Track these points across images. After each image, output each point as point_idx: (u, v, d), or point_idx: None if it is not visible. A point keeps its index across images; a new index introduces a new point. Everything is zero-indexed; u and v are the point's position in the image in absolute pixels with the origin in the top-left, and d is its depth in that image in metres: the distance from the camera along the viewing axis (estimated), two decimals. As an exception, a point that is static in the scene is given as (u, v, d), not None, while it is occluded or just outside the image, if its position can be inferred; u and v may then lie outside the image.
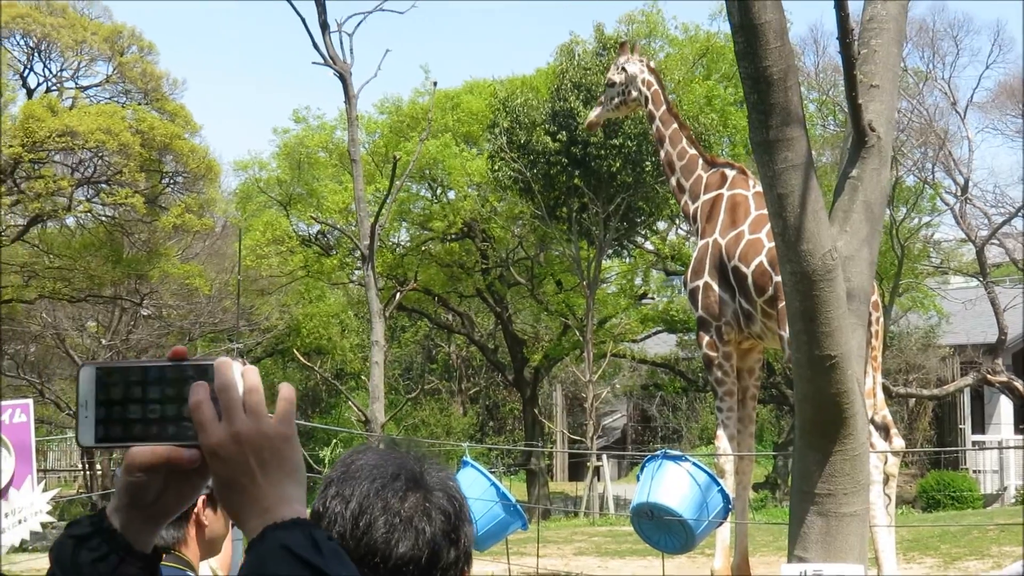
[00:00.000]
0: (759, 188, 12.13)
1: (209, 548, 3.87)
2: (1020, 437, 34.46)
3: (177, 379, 1.74)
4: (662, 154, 13.55)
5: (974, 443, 37.14)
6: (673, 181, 13.45)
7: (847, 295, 6.67)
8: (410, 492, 2.15)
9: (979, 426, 38.25)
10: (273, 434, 1.71)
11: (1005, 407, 36.62)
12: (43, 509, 9.38)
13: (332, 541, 1.68)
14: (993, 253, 34.86)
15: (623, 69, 13.78)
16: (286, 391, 1.77)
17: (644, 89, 13.63)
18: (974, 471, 35.37)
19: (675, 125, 13.46)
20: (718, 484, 10.15)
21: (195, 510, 3.72)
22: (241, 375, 1.74)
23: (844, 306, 6.56)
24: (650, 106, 13.57)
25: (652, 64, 14.02)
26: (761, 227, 11.89)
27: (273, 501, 1.69)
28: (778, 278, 10.69)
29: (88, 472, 34.39)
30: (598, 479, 31.09)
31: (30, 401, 10.30)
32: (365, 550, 2.10)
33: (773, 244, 8.26)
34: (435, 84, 29.57)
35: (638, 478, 10.46)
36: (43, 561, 1.88)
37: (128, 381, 1.76)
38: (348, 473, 2.18)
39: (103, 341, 32.97)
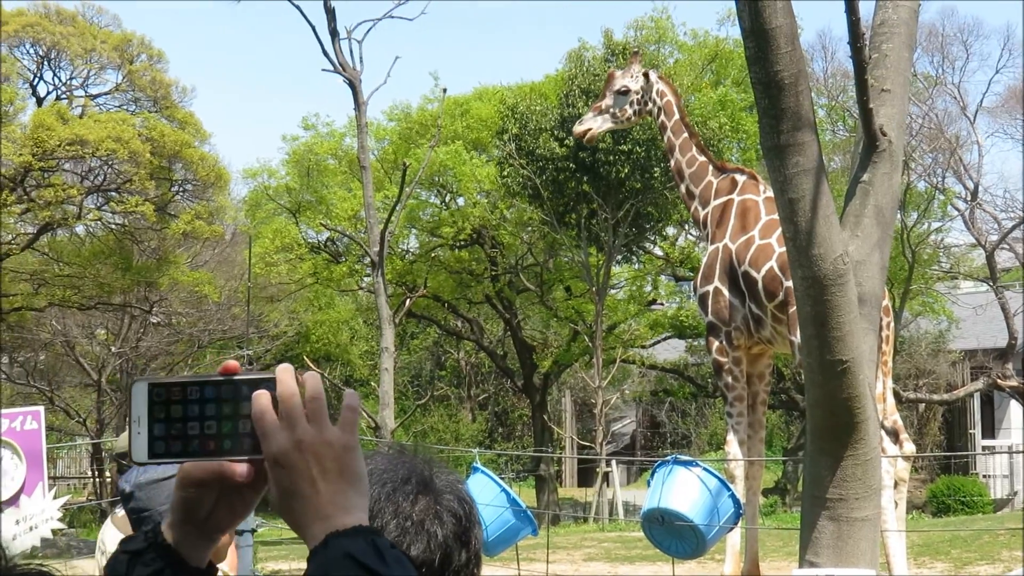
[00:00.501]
0: (770, 193, 12.13)
1: (216, 556, 3.87)
2: (1031, 442, 34.41)
3: (229, 394, 1.74)
4: (672, 162, 13.57)
5: (984, 448, 37.11)
6: (683, 188, 13.47)
7: (859, 300, 6.66)
8: (420, 495, 2.17)
9: (989, 431, 38.22)
10: (336, 442, 1.71)
11: (1015, 412, 36.58)
12: (54, 516, 9.40)
13: (395, 549, 1.68)
14: (1003, 258, 34.83)
15: (643, 76, 13.75)
16: (351, 399, 1.76)
17: (658, 100, 13.65)
18: (984, 476, 35.34)
19: (686, 134, 13.47)
20: (729, 489, 10.15)
21: None
22: (302, 382, 1.73)
23: (855, 311, 6.56)
24: (662, 117, 13.58)
25: (660, 74, 14.04)
26: (772, 232, 11.90)
27: (335, 509, 1.68)
28: (788, 283, 10.69)
29: (98, 479, 34.43)
30: (607, 485, 31.06)
31: (41, 408, 10.33)
32: None
33: (784, 249, 8.26)
34: (444, 91, 29.59)
35: (648, 484, 10.47)
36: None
37: (180, 397, 1.76)
38: None
39: (112, 349, 33.05)
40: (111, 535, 5.32)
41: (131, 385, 1.79)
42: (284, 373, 1.72)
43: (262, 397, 1.70)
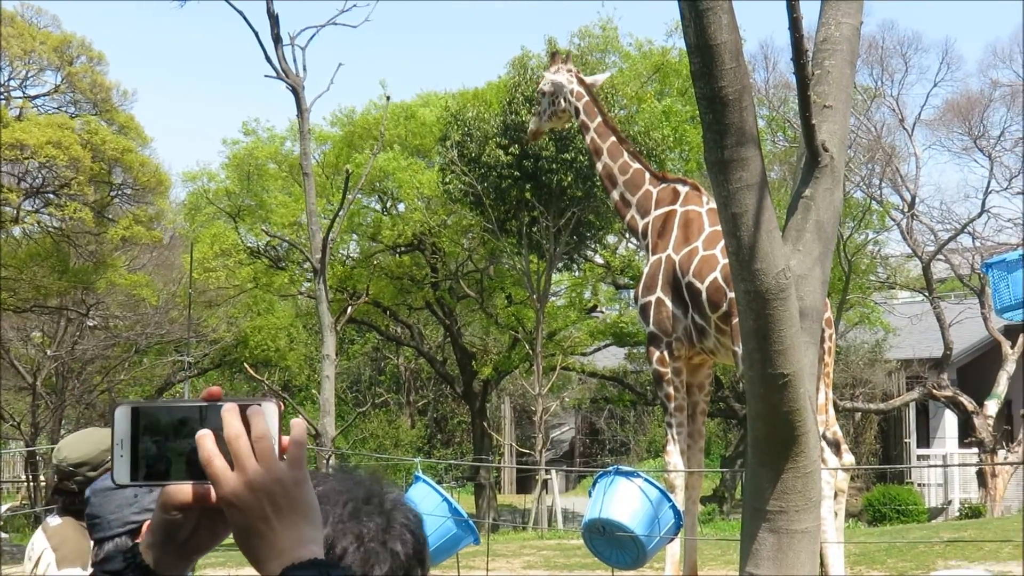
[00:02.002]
0: (713, 204, 12.19)
1: None
2: (964, 451, 34.77)
3: (212, 419, 1.77)
4: (599, 167, 13.50)
5: (919, 457, 37.46)
6: (615, 195, 13.38)
7: (800, 314, 6.71)
8: (378, 515, 2.17)
9: (924, 440, 38.59)
10: (285, 478, 1.73)
11: (950, 421, 36.97)
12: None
13: None
14: (939, 268, 35.22)
15: (550, 79, 13.79)
16: (297, 434, 1.79)
17: (574, 100, 13.59)
18: (919, 485, 35.68)
19: (613, 138, 13.41)
20: (670, 500, 10.20)
21: (141, 534, 3.72)
22: (245, 421, 1.75)
23: (797, 325, 6.60)
24: (582, 117, 13.54)
25: (582, 75, 13.97)
26: (715, 243, 11.93)
27: (290, 544, 1.71)
28: (732, 294, 10.75)
29: (32, 484, 34.06)
30: (547, 492, 31.08)
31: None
32: None
33: (727, 260, 8.32)
34: (388, 98, 29.56)
35: (590, 493, 10.50)
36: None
37: (164, 421, 1.79)
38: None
39: (48, 352, 32.73)
40: (40, 543, 5.27)
41: (113, 409, 1.81)
42: (229, 414, 1.74)
43: (207, 440, 1.73)
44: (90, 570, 5.31)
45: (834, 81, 7.30)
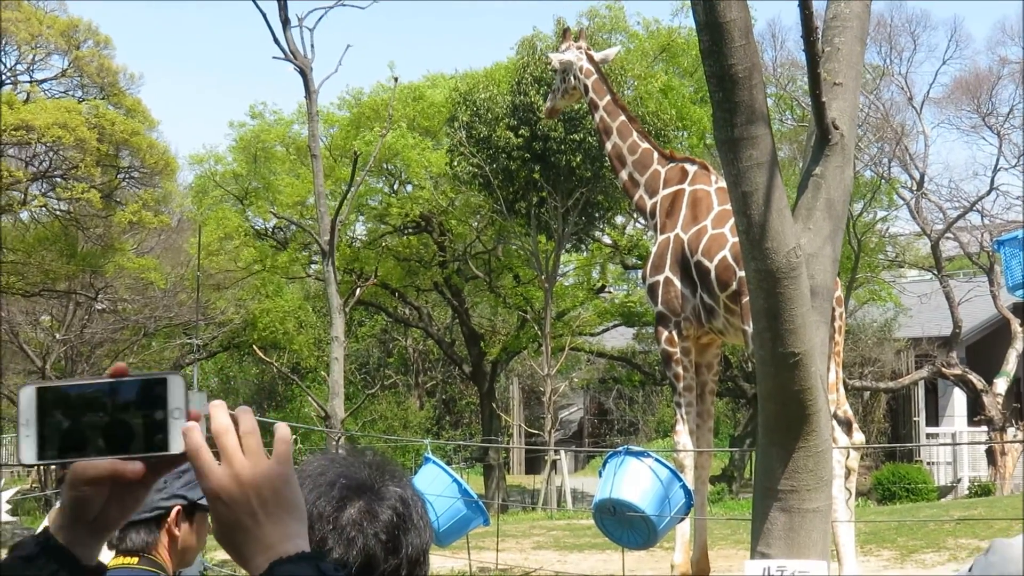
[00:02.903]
0: (721, 183, 12.13)
1: (182, 558, 3.84)
2: (973, 429, 34.76)
3: (120, 395, 1.78)
4: (608, 146, 13.42)
5: (928, 435, 37.44)
6: (624, 175, 13.32)
7: (811, 292, 6.69)
8: (347, 500, 2.17)
9: (933, 418, 38.57)
10: (272, 474, 1.75)
11: (959, 399, 36.94)
12: (4, 508, 9.32)
13: (339, 571, 1.73)
14: (948, 247, 35.16)
15: (560, 56, 13.74)
16: (283, 432, 1.80)
17: (583, 77, 13.53)
18: (928, 463, 35.65)
19: (623, 117, 13.34)
20: (680, 480, 10.19)
21: (168, 519, 3.70)
22: (235, 417, 1.78)
23: (808, 303, 6.59)
24: (591, 95, 13.47)
25: (592, 52, 13.88)
26: (724, 222, 11.88)
27: (277, 538, 1.72)
28: (742, 273, 10.71)
29: (42, 468, 34.07)
30: (555, 472, 31.11)
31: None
32: None
33: (737, 239, 8.28)
34: (396, 80, 29.49)
35: (600, 474, 10.49)
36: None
37: (69, 400, 1.80)
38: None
39: (57, 336, 32.73)
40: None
41: (19, 390, 1.82)
42: (217, 409, 1.77)
43: (194, 432, 1.74)
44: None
45: (844, 58, 7.27)
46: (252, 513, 1.72)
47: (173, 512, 3.70)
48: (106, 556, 4.18)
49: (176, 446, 1.75)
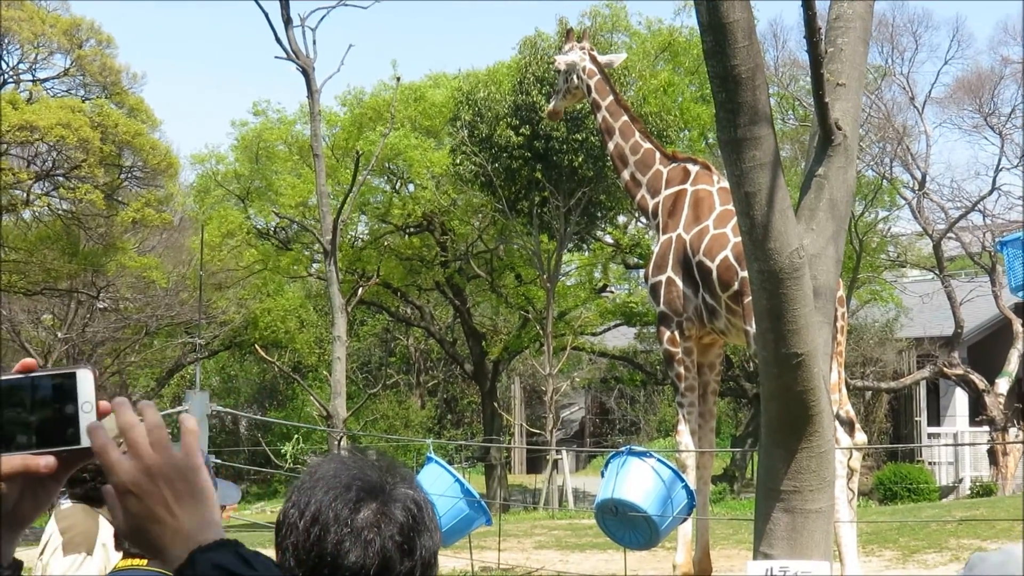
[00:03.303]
0: (723, 183, 12.14)
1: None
2: (975, 430, 34.76)
3: (31, 391, 1.81)
4: (611, 146, 13.41)
5: (930, 435, 37.43)
6: (626, 175, 13.32)
7: (814, 293, 6.69)
8: (363, 503, 2.17)
9: (934, 418, 38.56)
10: (182, 465, 1.77)
11: (960, 399, 36.93)
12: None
13: (260, 556, 1.77)
14: (950, 247, 35.16)
15: (564, 57, 13.75)
16: (189, 423, 1.83)
17: (586, 78, 13.53)
18: (930, 463, 35.65)
19: (625, 117, 13.34)
20: (682, 480, 10.18)
21: None
22: (140, 411, 1.79)
23: (811, 304, 6.58)
24: (594, 95, 13.47)
25: (595, 52, 13.89)
26: (726, 222, 11.87)
27: (194, 527, 1.75)
28: (744, 273, 10.70)
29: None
30: (557, 472, 31.10)
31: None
32: (316, 560, 2.14)
33: (739, 239, 8.27)
34: (398, 79, 29.51)
35: (602, 474, 10.48)
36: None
37: None
38: (308, 483, 2.23)
39: (59, 334, 32.75)
40: (50, 527, 5.28)
41: None
42: (121, 407, 1.78)
43: (99, 432, 1.75)
44: (96, 555, 5.30)
45: (847, 59, 7.27)
46: (166, 504, 1.74)
47: None
48: (114, 557, 4.19)
49: (88, 440, 1.77)
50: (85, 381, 1.80)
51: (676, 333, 12.42)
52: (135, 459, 1.74)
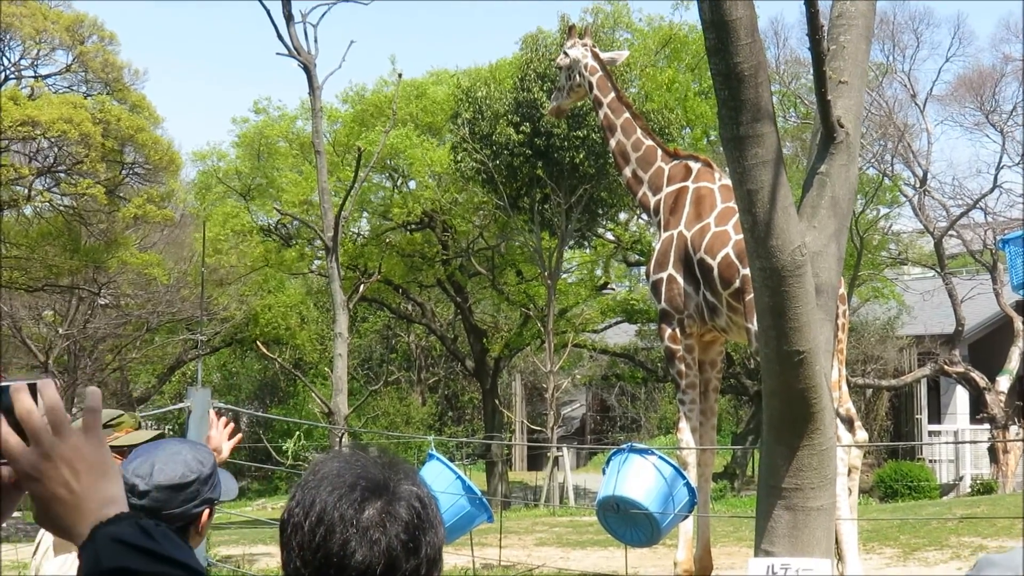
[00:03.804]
0: (725, 181, 12.13)
1: (196, 542, 3.86)
2: (975, 427, 34.77)
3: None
4: (612, 143, 13.37)
5: (930, 433, 37.45)
6: (628, 172, 13.28)
7: (815, 290, 6.69)
8: (368, 502, 2.16)
9: (935, 416, 38.58)
10: (81, 444, 1.80)
11: (961, 397, 36.95)
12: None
13: (160, 526, 1.78)
14: (951, 244, 35.17)
15: (566, 54, 13.73)
16: (92, 402, 1.87)
17: (588, 75, 13.50)
18: (930, 461, 35.67)
19: (627, 114, 13.30)
20: (684, 478, 10.17)
21: (200, 522, 3.72)
22: (40, 393, 1.82)
23: (813, 302, 6.58)
24: (595, 92, 13.43)
25: (597, 49, 13.86)
26: (727, 219, 11.86)
27: (95, 504, 1.78)
28: (745, 270, 10.69)
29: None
30: (558, 469, 31.11)
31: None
32: (322, 560, 2.13)
33: (740, 236, 8.27)
34: (400, 76, 29.51)
35: (604, 471, 10.47)
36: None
37: None
38: (312, 481, 2.22)
39: (60, 331, 32.76)
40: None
41: None
42: (17, 392, 1.80)
43: None
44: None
45: (849, 56, 7.27)
46: (66, 484, 1.77)
47: (204, 515, 3.72)
48: None
49: None
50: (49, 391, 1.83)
51: (677, 330, 12.40)
52: (35, 445, 1.78)
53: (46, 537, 5.12)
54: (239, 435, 5.17)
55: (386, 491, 2.19)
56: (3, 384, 1.81)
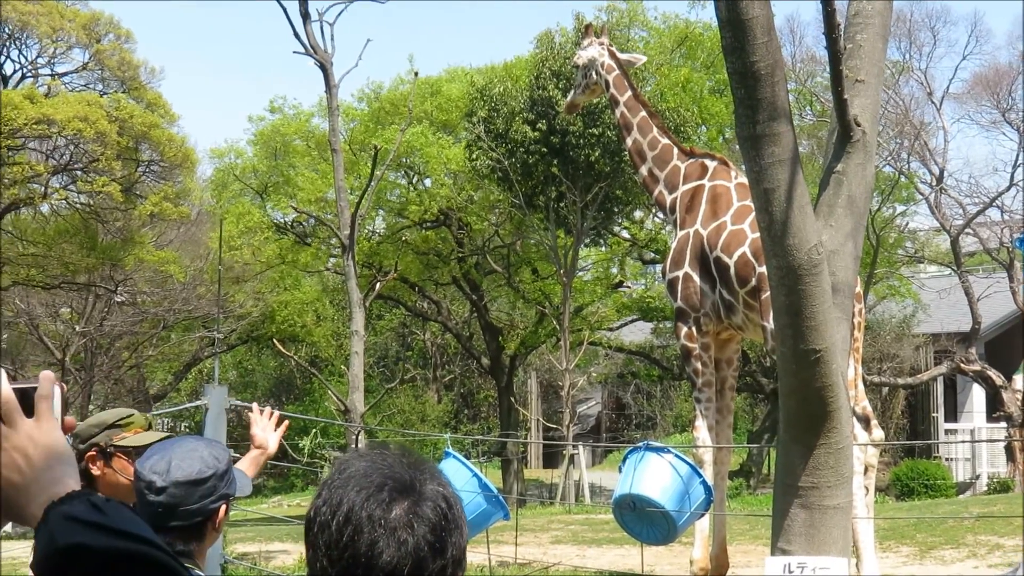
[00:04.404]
0: (741, 179, 12.12)
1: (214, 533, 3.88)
2: (992, 426, 34.68)
3: None
4: (629, 142, 13.38)
5: (947, 431, 37.37)
6: (644, 170, 13.29)
7: (832, 289, 6.68)
8: (395, 502, 2.16)
9: (952, 414, 38.49)
10: (32, 431, 1.86)
11: (977, 395, 36.86)
12: None
13: (111, 502, 1.80)
14: (967, 242, 35.07)
15: (583, 52, 13.75)
16: (44, 389, 1.91)
17: (604, 73, 13.51)
18: (947, 459, 35.59)
19: (643, 113, 13.30)
20: (700, 476, 10.17)
21: (217, 517, 3.73)
22: None
23: (829, 300, 6.57)
24: (612, 91, 13.45)
25: (614, 48, 13.87)
26: (744, 218, 11.85)
27: (46, 483, 1.83)
28: (761, 268, 10.68)
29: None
30: (573, 467, 31.12)
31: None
32: (350, 560, 2.13)
33: (756, 235, 8.26)
34: (416, 74, 29.54)
35: (620, 469, 10.48)
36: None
37: None
38: (338, 480, 2.21)
39: (77, 328, 32.88)
40: None
41: None
42: None
43: None
44: None
45: (866, 55, 7.25)
46: (18, 469, 1.82)
47: (220, 511, 3.74)
48: None
49: None
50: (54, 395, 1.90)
51: (693, 329, 12.40)
52: None
53: None
54: (286, 422, 5.15)
55: (413, 491, 2.19)
56: None
